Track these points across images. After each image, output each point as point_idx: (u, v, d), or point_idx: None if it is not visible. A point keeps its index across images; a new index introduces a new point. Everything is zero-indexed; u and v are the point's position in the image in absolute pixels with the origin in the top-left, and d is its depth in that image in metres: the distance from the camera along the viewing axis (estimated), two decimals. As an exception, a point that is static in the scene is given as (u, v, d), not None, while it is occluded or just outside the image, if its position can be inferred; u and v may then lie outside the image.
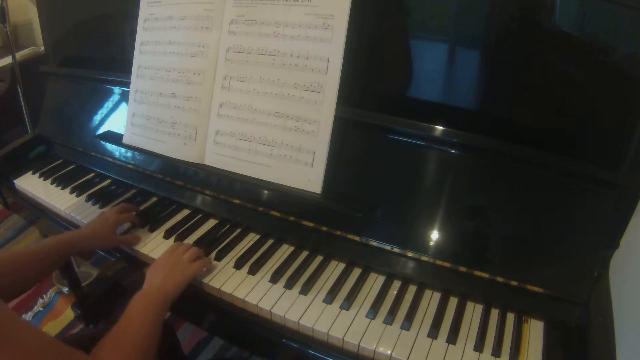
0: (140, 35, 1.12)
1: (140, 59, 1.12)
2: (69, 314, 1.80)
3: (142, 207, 1.14)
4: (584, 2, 0.77)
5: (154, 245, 1.01)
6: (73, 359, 0.64)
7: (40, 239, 1.99)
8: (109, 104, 1.27)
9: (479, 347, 0.75)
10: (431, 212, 0.85)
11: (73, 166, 1.34)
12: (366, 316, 0.81)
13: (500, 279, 0.80)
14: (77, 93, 1.36)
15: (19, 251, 0.88)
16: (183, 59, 1.05)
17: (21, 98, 1.57)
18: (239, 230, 1.04)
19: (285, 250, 0.98)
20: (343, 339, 0.77)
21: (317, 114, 0.90)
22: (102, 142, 1.23)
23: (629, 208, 0.74)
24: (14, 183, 1.30)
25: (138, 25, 1.12)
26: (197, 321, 1.03)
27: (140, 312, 0.77)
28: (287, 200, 0.94)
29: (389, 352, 0.74)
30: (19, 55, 1.92)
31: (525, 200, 0.81)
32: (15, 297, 0.87)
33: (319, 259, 0.94)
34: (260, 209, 0.99)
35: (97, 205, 1.15)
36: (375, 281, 0.89)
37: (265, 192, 0.97)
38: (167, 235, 1.03)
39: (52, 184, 1.26)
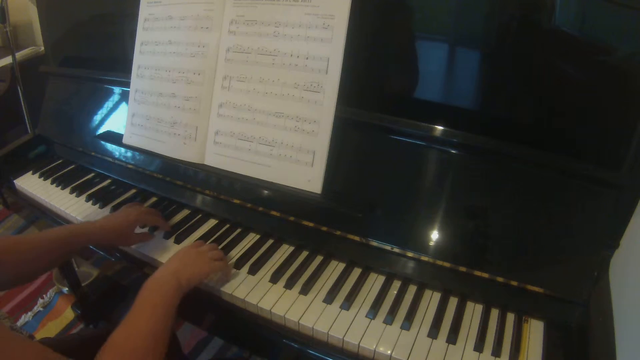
0: (140, 35, 1.12)
1: (140, 59, 1.12)
2: (69, 314, 1.80)
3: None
4: (584, 2, 0.77)
5: (154, 246, 1.00)
6: None
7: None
8: (109, 104, 1.27)
9: (479, 347, 0.75)
10: (431, 212, 0.85)
11: (73, 166, 1.34)
12: (366, 316, 0.81)
13: (500, 279, 0.80)
14: (77, 93, 1.36)
15: (28, 237, 0.84)
16: (183, 59, 1.05)
17: (21, 98, 1.57)
18: (239, 230, 1.04)
19: (285, 250, 0.98)
20: (343, 339, 0.77)
21: (317, 114, 0.89)
22: (102, 142, 1.23)
23: (629, 208, 0.74)
24: (14, 183, 1.30)
25: (138, 25, 1.12)
26: (197, 321, 1.03)
27: (151, 299, 0.73)
28: (287, 200, 0.94)
29: (389, 352, 0.74)
30: (19, 55, 1.92)
31: (525, 200, 0.81)
32: (21, 284, 0.84)
33: (319, 259, 0.94)
34: (260, 209, 0.99)
35: (97, 205, 1.15)
36: (375, 281, 0.89)
37: (265, 192, 0.96)
38: (167, 235, 1.03)
39: (52, 184, 1.26)
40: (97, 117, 1.28)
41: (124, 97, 1.23)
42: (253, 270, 0.91)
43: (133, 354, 0.65)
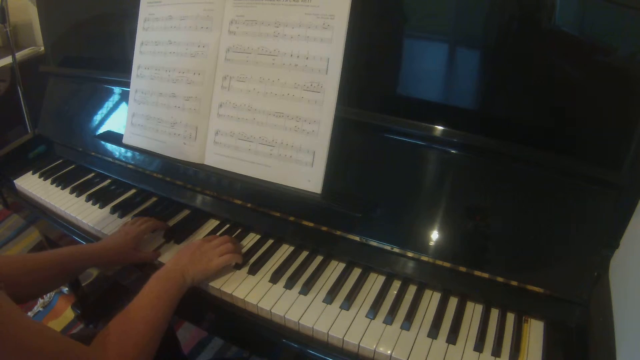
0: (140, 35, 1.12)
1: (140, 59, 1.12)
2: (69, 314, 1.80)
3: (141, 208, 1.14)
4: (584, 2, 0.77)
5: (153, 247, 1.00)
6: (75, 354, 0.63)
7: (40, 239, 1.99)
8: (109, 104, 1.27)
9: (479, 347, 0.75)
10: (431, 212, 0.85)
11: (73, 166, 1.34)
12: (366, 316, 0.81)
13: (500, 279, 0.80)
14: (77, 93, 1.36)
15: (30, 255, 0.86)
16: (183, 59, 1.05)
17: (21, 98, 1.56)
18: (239, 230, 1.04)
19: (285, 250, 0.98)
20: (343, 339, 0.77)
21: (317, 114, 0.89)
22: (102, 142, 1.23)
23: (629, 208, 0.74)
24: (14, 183, 1.30)
25: (138, 25, 1.12)
26: (197, 321, 1.03)
27: (156, 290, 0.78)
28: (287, 200, 0.94)
29: (389, 352, 0.74)
30: (19, 55, 1.91)
31: (525, 200, 0.81)
32: (25, 301, 0.85)
33: (319, 259, 0.94)
34: (261, 209, 0.99)
35: (97, 205, 1.15)
36: (375, 281, 0.89)
37: (266, 192, 0.96)
38: (167, 236, 1.03)
39: (52, 184, 1.26)
40: (97, 117, 1.28)
41: (124, 97, 1.23)
42: (253, 270, 0.91)
43: (130, 336, 0.70)
